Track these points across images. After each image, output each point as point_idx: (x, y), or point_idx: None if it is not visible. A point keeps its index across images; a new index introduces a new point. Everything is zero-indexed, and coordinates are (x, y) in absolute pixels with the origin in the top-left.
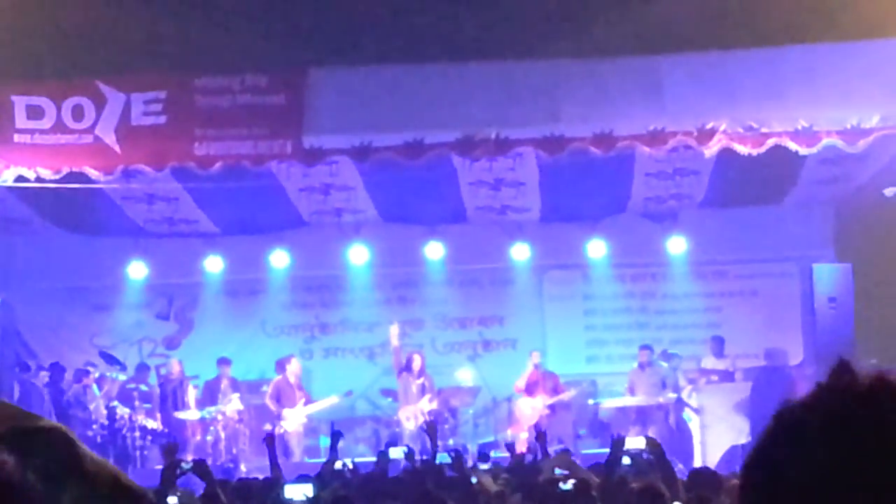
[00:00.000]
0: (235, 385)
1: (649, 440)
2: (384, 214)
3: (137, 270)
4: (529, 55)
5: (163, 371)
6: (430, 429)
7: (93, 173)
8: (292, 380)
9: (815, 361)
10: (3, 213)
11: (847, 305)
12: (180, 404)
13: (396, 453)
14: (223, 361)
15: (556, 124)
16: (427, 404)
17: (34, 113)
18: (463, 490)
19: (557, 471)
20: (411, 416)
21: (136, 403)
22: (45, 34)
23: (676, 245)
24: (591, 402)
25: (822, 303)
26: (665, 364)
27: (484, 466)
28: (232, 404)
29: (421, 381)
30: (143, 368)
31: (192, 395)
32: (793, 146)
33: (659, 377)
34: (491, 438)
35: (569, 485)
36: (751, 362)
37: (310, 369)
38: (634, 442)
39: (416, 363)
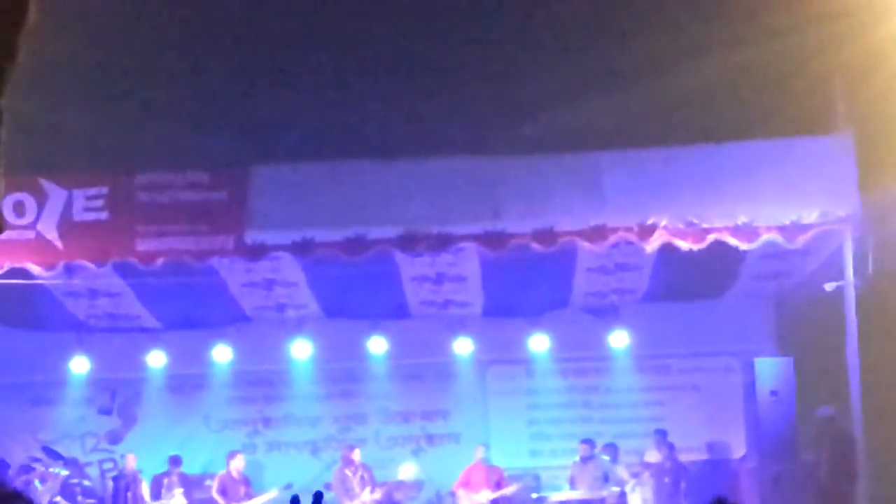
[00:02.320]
0: (180, 480)
1: None
2: (327, 310)
3: (80, 365)
4: (471, 152)
5: (106, 466)
6: None
7: (35, 269)
8: (235, 475)
9: (757, 455)
10: None
11: (789, 399)
12: (134, 499)
13: None
14: (174, 461)
15: (497, 220)
16: (369, 496)
17: None
18: None
19: None
20: None
21: (79, 499)
22: None
23: (619, 339)
24: (534, 495)
25: (764, 396)
26: (607, 458)
27: None
28: (176, 499)
29: (360, 473)
30: (79, 464)
31: (146, 489)
32: (733, 242)
33: (601, 471)
34: None
35: None
36: (693, 455)
37: (258, 463)
38: None
39: (357, 456)
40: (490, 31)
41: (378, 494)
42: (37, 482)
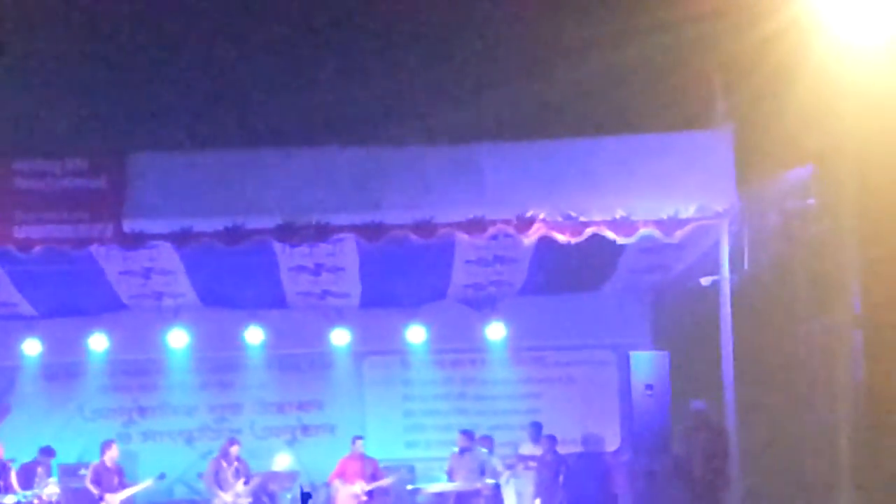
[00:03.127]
0: (50, 470)
1: None
2: (204, 298)
3: None
4: (350, 142)
5: None
6: None
7: None
8: (110, 464)
9: (631, 448)
10: None
11: (664, 393)
12: (5, 488)
13: None
14: (46, 451)
15: (376, 211)
16: (243, 486)
17: None
18: None
19: None
20: (228, 502)
21: None
22: None
23: (495, 331)
24: (409, 487)
25: (638, 390)
26: (484, 450)
27: None
28: (49, 488)
29: (234, 465)
30: None
31: (14, 477)
32: (611, 235)
33: (478, 462)
34: None
35: None
36: (568, 448)
37: (133, 452)
38: None
39: (235, 451)
40: (374, 21)
41: (252, 485)
42: None
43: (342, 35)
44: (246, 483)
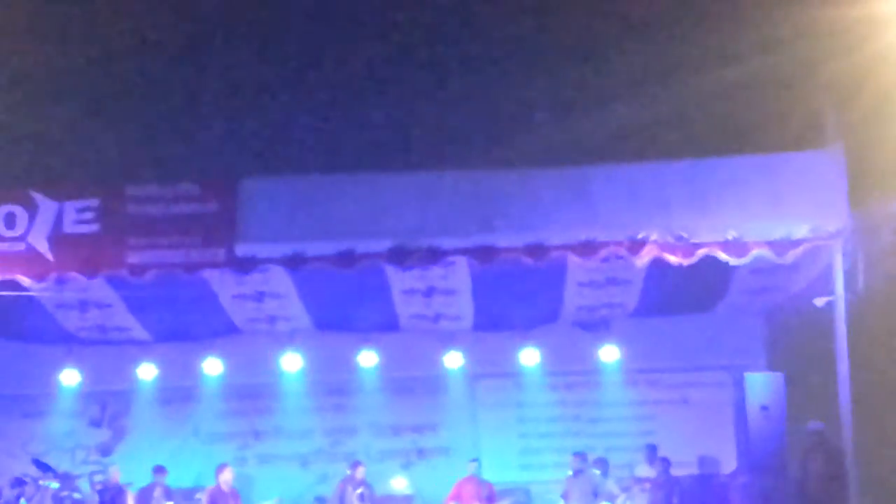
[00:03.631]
0: (169, 493)
1: None
2: (317, 322)
3: (70, 377)
4: (462, 165)
5: (97, 478)
6: None
7: (25, 281)
8: (225, 488)
9: (747, 469)
10: None
11: (779, 413)
12: None
13: None
14: (159, 470)
15: (488, 234)
16: None
17: None
18: None
19: None
20: None
21: None
22: None
23: (609, 353)
24: None
25: (754, 411)
26: (598, 471)
27: None
28: None
29: (360, 489)
30: (70, 477)
31: (131, 501)
32: (723, 257)
33: (592, 485)
34: None
35: None
36: (683, 470)
37: (248, 476)
38: None
39: (360, 473)
40: (482, 45)
41: None
42: (23, 500)
43: (455, 57)
44: None
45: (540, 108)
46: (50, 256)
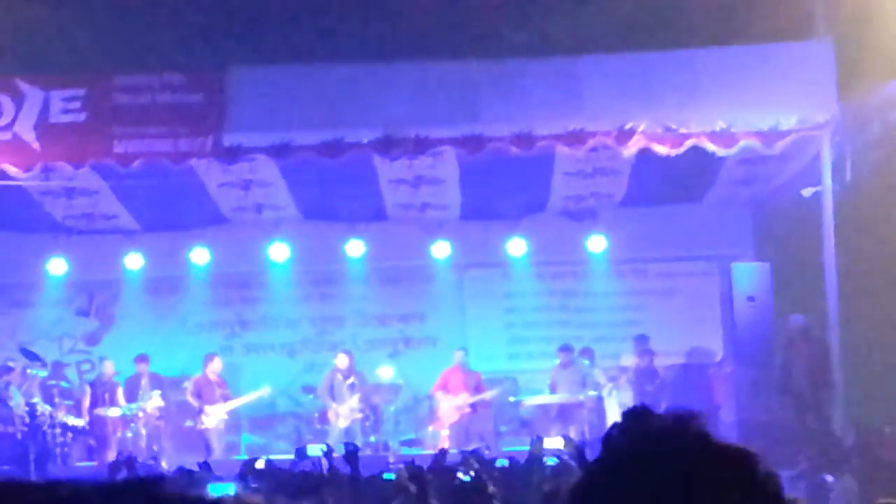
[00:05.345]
0: (156, 382)
1: (568, 441)
2: (305, 212)
3: (57, 267)
4: (449, 56)
5: (84, 367)
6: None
7: (11, 170)
8: (212, 377)
9: (734, 359)
10: None
11: (766, 304)
12: (110, 402)
13: (315, 451)
14: (141, 358)
15: (475, 124)
16: (357, 403)
17: None
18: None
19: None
20: (342, 414)
21: (57, 400)
22: None
23: (596, 244)
24: (512, 399)
25: (741, 301)
26: (586, 362)
27: None
28: (153, 401)
29: (351, 379)
30: (59, 365)
31: (121, 394)
32: (711, 147)
33: (580, 375)
34: (412, 436)
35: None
36: (670, 360)
37: (235, 365)
38: (554, 442)
39: (344, 362)
40: None
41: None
42: (13, 386)
43: None
44: (361, 401)
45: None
46: (37, 146)
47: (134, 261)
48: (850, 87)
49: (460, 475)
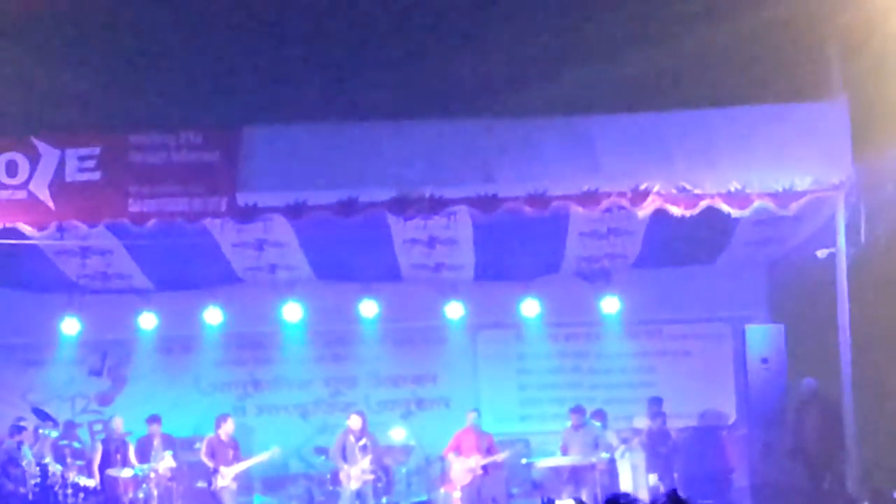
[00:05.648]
0: (168, 442)
1: None
2: (318, 272)
3: (71, 326)
4: (463, 115)
5: (96, 427)
6: None
7: (26, 229)
8: (224, 437)
9: (747, 422)
10: None
11: (780, 366)
12: (122, 462)
13: None
14: (153, 419)
15: (490, 184)
16: (369, 465)
17: None
18: None
19: None
20: (353, 476)
21: (69, 461)
22: None
23: (610, 305)
24: (524, 461)
25: (754, 363)
26: (598, 424)
27: None
28: (164, 462)
29: (363, 441)
30: (71, 425)
31: (132, 452)
32: (725, 208)
33: (592, 437)
34: (424, 497)
35: None
36: (684, 422)
37: (247, 426)
38: None
39: (357, 423)
40: None
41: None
42: (25, 446)
43: (457, 6)
44: (372, 462)
45: (544, 58)
46: (51, 204)
47: (147, 320)
48: (865, 147)
49: None
